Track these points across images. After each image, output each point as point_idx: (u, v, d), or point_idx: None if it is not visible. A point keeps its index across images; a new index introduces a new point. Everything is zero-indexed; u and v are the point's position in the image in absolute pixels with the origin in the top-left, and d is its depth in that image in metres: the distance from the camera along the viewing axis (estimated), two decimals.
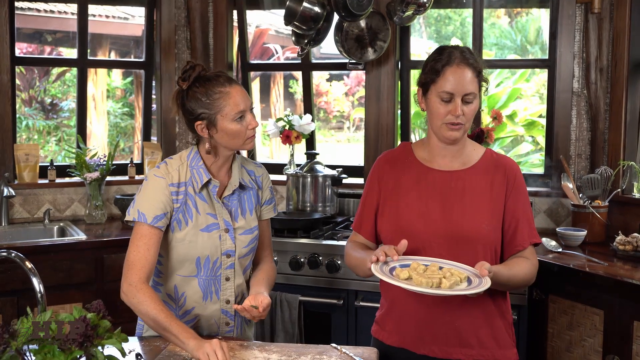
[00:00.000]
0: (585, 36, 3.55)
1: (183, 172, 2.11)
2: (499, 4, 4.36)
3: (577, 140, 3.61)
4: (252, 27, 8.62)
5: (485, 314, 1.97)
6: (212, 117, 2.03)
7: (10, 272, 3.13)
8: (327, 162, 4.07)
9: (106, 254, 3.43)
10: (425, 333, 1.98)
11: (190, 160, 2.12)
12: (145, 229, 2.03)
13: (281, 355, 1.87)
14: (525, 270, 1.95)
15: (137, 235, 2.04)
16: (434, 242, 1.95)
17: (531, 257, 1.99)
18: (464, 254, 1.91)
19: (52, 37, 8.36)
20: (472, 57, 1.94)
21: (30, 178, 3.93)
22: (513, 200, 1.98)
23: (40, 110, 8.75)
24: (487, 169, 2.01)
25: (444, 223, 1.95)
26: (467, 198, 1.96)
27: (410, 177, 2.04)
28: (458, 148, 2.03)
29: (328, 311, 3.23)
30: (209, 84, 2.04)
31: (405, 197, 2.03)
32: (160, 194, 2.06)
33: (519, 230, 1.98)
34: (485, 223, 1.94)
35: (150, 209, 2.04)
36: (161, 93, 4.37)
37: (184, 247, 2.09)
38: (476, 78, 1.93)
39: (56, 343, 1.37)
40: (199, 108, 2.03)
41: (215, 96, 2.02)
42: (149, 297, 1.96)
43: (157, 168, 2.11)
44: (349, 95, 10.67)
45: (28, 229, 3.79)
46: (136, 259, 2.01)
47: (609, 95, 3.52)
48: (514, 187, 1.99)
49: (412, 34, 4.08)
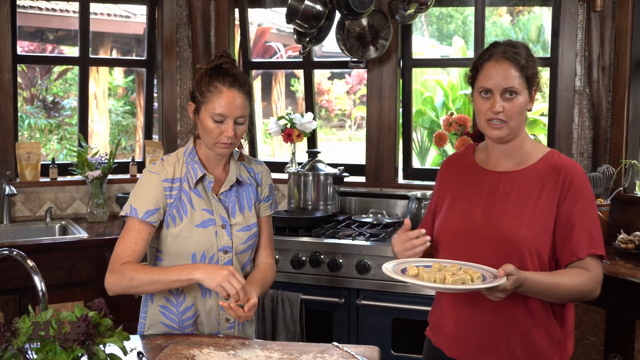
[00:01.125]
0: (588, 34, 3.55)
1: (179, 168, 2.13)
2: (501, 2, 4.35)
3: (579, 139, 3.60)
4: (254, 26, 8.62)
5: (519, 324, 1.89)
6: (199, 105, 2.08)
7: (12, 270, 3.14)
8: (329, 160, 4.07)
9: (108, 253, 3.39)
10: (460, 336, 1.99)
11: (186, 156, 2.14)
12: (135, 223, 2.05)
13: (283, 354, 1.87)
14: (576, 282, 1.83)
15: (126, 230, 2.06)
16: (474, 242, 1.94)
17: (591, 269, 1.85)
18: (502, 256, 1.87)
19: (54, 35, 8.37)
20: (517, 53, 1.89)
21: (32, 176, 3.93)
22: (568, 206, 1.87)
23: (42, 109, 8.76)
24: (541, 172, 1.92)
25: (483, 223, 1.93)
26: (512, 200, 1.92)
27: (464, 179, 2.05)
28: (511, 148, 1.96)
29: (330, 310, 3.23)
30: (216, 76, 2.07)
31: (455, 198, 2.04)
32: (153, 189, 2.07)
33: (573, 239, 1.85)
34: (525, 227, 1.87)
35: (142, 204, 2.05)
36: (163, 91, 4.37)
37: (178, 242, 2.09)
38: (518, 73, 1.87)
39: (58, 341, 1.37)
40: (197, 91, 2.09)
41: (211, 88, 2.06)
42: (134, 269, 1.98)
43: (153, 165, 2.14)
44: (350, 94, 10.67)
45: (30, 227, 3.79)
46: (122, 251, 2.03)
47: (611, 94, 3.51)
48: (570, 192, 1.87)
49: (413, 33, 4.07)
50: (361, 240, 3.24)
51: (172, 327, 2.15)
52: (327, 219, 3.65)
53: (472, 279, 1.76)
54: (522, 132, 1.96)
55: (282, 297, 3.24)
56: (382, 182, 3.99)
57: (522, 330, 1.89)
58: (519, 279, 1.74)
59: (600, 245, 1.86)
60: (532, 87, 1.91)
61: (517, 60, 1.88)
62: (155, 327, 2.17)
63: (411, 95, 4.13)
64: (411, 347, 3.15)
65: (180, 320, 2.14)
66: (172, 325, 2.15)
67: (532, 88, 1.91)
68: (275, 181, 4.16)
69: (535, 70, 1.91)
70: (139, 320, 2.25)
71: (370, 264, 3.12)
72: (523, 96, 1.89)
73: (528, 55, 1.91)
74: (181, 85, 4.39)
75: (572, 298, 1.88)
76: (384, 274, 1.85)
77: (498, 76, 1.88)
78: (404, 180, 4.09)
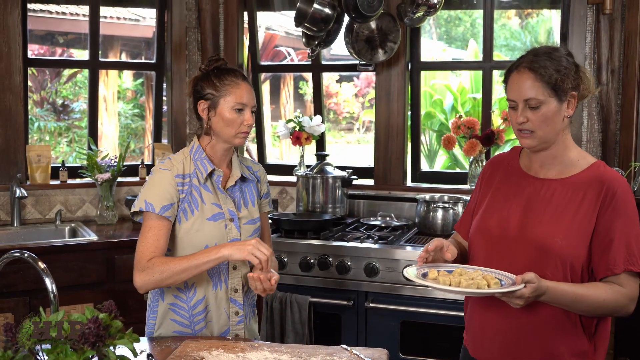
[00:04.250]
0: (597, 37, 3.54)
1: (187, 164, 2.20)
2: (510, 4, 4.35)
3: (589, 142, 3.59)
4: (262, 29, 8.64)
5: (541, 332, 1.88)
6: (216, 99, 2.15)
7: (22, 272, 3.15)
8: (337, 163, 4.07)
9: (117, 255, 3.45)
10: (484, 338, 2.00)
11: (193, 153, 2.21)
12: (154, 220, 2.11)
13: (291, 356, 1.87)
14: (605, 296, 1.80)
15: (145, 228, 2.12)
16: (508, 248, 1.93)
17: (625, 286, 1.83)
18: (535, 263, 1.86)
19: (64, 38, 8.40)
20: (537, 61, 1.86)
21: (42, 179, 3.95)
22: (608, 219, 1.83)
23: (52, 112, 8.79)
24: (583, 182, 1.89)
25: (518, 229, 1.92)
26: (551, 208, 1.90)
27: (506, 182, 2.04)
28: (550, 156, 1.94)
29: (338, 312, 3.23)
30: (225, 72, 2.18)
31: (494, 200, 2.04)
32: (166, 184, 2.13)
33: (610, 253, 1.82)
34: (561, 237, 1.84)
35: (158, 200, 2.11)
36: (172, 94, 4.39)
37: (191, 236, 2.15)
38: (539, 83, 1.84)
39: (69, 343, 1.38)
40: (207, 88, 2.16)
41: (226, 82, 2.16)
42: (163, 262, 2.05)
43: (162, 162, 2.20)
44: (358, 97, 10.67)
45: (40, 229, 3.81)
46: (145, 249, 2.09)
47: (620, 97, 3.50)
48: (611, 206, 1.83)
49: (422, 35, 4.08)
50: (369, 243, 3.24)
51: (183, 323, 2.19)
52: (335, 221, 3.65)
53: (489, 284, 1.76)
54: (561, 140, 1.92)
55: (291, 300, 3.24)
56: (391, 185, 3.99)
57: (543, 338, 1.88)
58: (540, 288, 1.74)
59: (639, 262, 1.82)
60: (563, 94, 1.86)
61: (537, 69, 1.85)
62: (165, 325, 2.20)
63: (419, 98, 4.13)
64: (419, 350, 3.15)
65: (191, 316, 2.18)
66: (182, 322, 2.19)
67: (563, 95, 1.86)
68: (283, 184, 4.21)
69: (565, 77, 1.86)
70: (147, 321, 2.27)
71: (378, 267, 3.12)
72: (550, 105, 1.85)
73: (555, 62, 1.86)
74: None
75: (601, 312, 1.85)
76: (393, 276, 1.87)
77: (518, 87, 1.88)
78: (412, 183, 4.09)
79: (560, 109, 1.87)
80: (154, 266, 2.04)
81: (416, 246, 3.25)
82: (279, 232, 3.51)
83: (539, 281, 1.74)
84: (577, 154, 1.95)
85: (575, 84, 1.88)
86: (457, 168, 6.94)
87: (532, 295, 1.74)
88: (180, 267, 2.03)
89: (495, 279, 1.79)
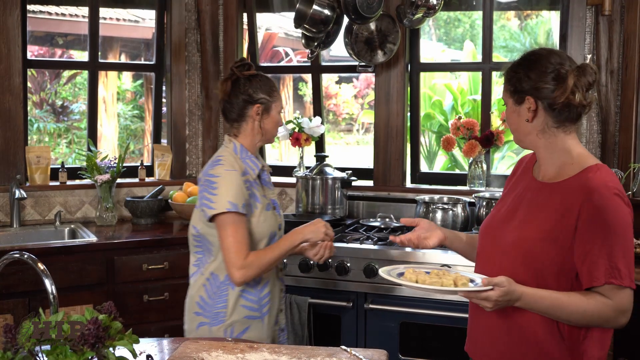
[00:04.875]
0: (596, 38, 3.54)
1: (239, 163, 2.38)
2: (509, 6, 4.35)
3: (588, 143, 3.60)
4: (262, 30, 8.64)
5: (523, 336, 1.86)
6: (270, 104, 2.41)
7: (21, 273, 3.15)
8: (337, 164, 4.08)
9: (117, 256, 3.45)
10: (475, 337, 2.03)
11: (239, 153, 2.40)
12: (239, 218, 2.28)
13: (291, 357, 1.87)
14: (586, 306, 1.75)
15: (233, 227, 2.27)
16: (490, 249, 1.96)
17: (612, 297, 1.75)
18: (508, 267, 1.85)
19: (63, 39, 8.41)
20: (514, 66, 1.90)
21: (42, 180, 3.95)
22: (585, 229, 1.76)
23: (51, 113, 8.80)
24: (569, 188, 1.82)
25: (500, 232, 1.94)
26: (533, 212, 1.88)
27: (517, 182, 2.05)
28: (542, 159, 1.93)
29: (337, 313, 3.24)
30: (269, 79, 2.45)
31: (501, 200, 2.06)
32: (240, 183, 2.32)
33: (591, 264, 1.75)
34: (535, 242, 1.82)
35: (238, 199, 2.28)
36: (171, 95, 4.39)
37: (260, 227, 2.39)
38: (506, 85, 1.91)
39: (68, 344, 1.38)
40: (261, 93, 2.39)
41: (274, 89, 2.44)
42: (258, 257, 2.28)
43: (221, 164, 2.33)
44: (358, 98, 10.67)
45: (39, 230, 3.81)
46: (239, 247, 2.26)
47: (620, 98, 3.51)
48: (589, 215, 1.75)
49: (421, 37, 4.08)
50: (369, 244, 3.24)
51: (252, 308, 2.39)
52: (335, 222, 3.65)
53: (457, 284, 1.79)
54: (544, 144, 1.89)
55: (290, 301, 3.24)
56: (390, 186, 3.99)
57: (527, 342, 1.87)
58: (511, 292, 1.73)
59: (623, 275, 1.74)
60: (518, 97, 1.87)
61: (506, 73, 1.92)
62: (237, 312, 2.37)
63: (419, 99, 4.13)
64: (419, 351, 3.15)
65: (260, 299, 2.40)
66: (252, 307, 2.39)
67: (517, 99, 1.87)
68: (283, 185, 4.22)
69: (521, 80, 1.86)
70: (214, 311, 2.37)
71: (377, 268, 3.12)
72: (508, 106, 1.92)
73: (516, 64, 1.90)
74: (190, 89, 4.41)
75: (585, 322, 1.79)
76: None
77: None
78: (411, 184, 4.09)
79: (517, 110, 1.89)
80: (252, 263, 2.25)
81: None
82: None
83: (509, 285, 1.73)
84: (568, 157, 1.89)
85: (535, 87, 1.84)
86: (457, 169, 6.94)
87: (502, 300, 1.73)
88: (273, 258, 2.30)
89: (466, 280, 1.81)
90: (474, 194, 3.56)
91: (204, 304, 2.38)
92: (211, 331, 2.35)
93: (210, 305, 2.37)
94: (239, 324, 2.36)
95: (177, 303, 3.59)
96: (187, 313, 2.46)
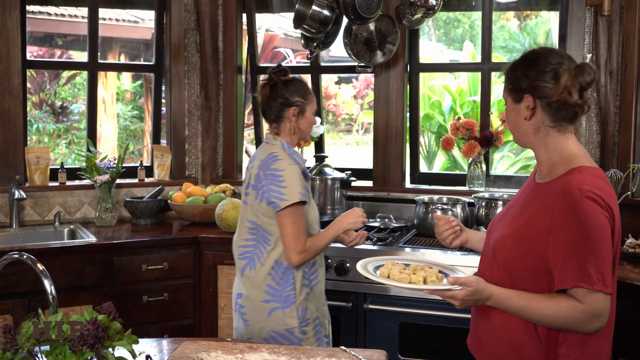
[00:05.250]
0: (595, 39, 3.54)
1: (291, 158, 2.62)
2: (508, 6, 4.35)
3: (587, 143, 3.60)
4: (262, 31, 8.64)
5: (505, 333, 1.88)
6: (304, 106, 2.63)
7: (20, 274, 3.15)
8: (336, 164, 4.08)
9: (116, 257, 3.45)
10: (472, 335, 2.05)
11: (286, 149, 2.62)
12: (300, 206, 2.52)
13: (290, 358, 1.88)
14: (555, 309, 1.74)
15: (296, 215, 2.50)
16: (485, 247, 1.99)
17: (583, 301, 1.72)
18: (488, 267, 1.90)
19: (63, 40, 8.41)
20: (514, 65, 1.90)
21: (41, 181, 3.95)
22: (557, 231, 1.75)
23: (51, 113, 8.80)
24: (552, 189, 1.82)
25: (490, 233, 1.98)
26: (516, 213, 1.90)
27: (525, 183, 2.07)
28: (538, 159, 1.94)
29: (337, 314, 3.23)
30: (304, 83, 2.67)
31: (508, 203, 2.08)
32: (301, 176, 2.56)
33: (561, 267, 1.74)
34: (510, 242, 1.84)
35: (302, 191, 2.52)
36: (171, 96, 4.39)
37: (312, 214, 2.65)
38: (506, 83, 1.92)
39: (67, 344, 1.38)
40: (296, 97, 2.60)
41: (309, 92, 2.66)
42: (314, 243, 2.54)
43: (281, 159, 2.55)
44: (357, 98, 10.67)
45: (39, 231, 3.81)
46: (301, 234, 2.51)
47: (619, 98, 3.51)
48: (561, 217, 1.74)
49: (421, 37, 4.08)
50: (368, 245, 3.24)
51: (307, 284, 2.61)
52: None
53: (426, 281, 1.82)
54: (542, 143, 1.89)
55: None
56: (390, 186, 3.99)
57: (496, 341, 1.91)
58: (479, 292, 1.76)
59: (594, 280, 1.70)
60: (516, 95, 1.87)
61: (506, 72, 1.92)
62: (302, 291, 2.58)
63: (418, 100, 4.13)
64: (418, 352, 3.15)
65: (310, 280, 2.62)
66: (307, 284, 2.61)
67: (516, 97, 1.88)
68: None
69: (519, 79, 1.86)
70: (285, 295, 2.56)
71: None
72: (508, 104, 1.92)
73: (516, 63, 1.90)
74: (189, 90, 4.41)
75: (555, 325, 1.77)
76: None
77: None
78: (411, 184, 4.09)
79: (516, 109, 1.89)
80: (310, 248, 2.51)
81: (415, 247, 3.25)
82: None
83: (477, 284, 1.75)
84: (558, 157, 1.88)
85: (533, 85, 1.84)
86: (456, 169, 6.94)
87: (470, 299, 1.76)
88: (323, 244, 2.57)
89: (434, 277, 1.85)
90: (473, 194, 3.56)
91: (273, 291, 2.57)
92: (285, 314, 2.54)
93: (279, 291, 2.56)
94: (304, 301, 2.59)
95: (176, 303, 3.60)
96: (250, 304, 2.61)
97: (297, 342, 2.53)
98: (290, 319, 2.53)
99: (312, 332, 2.59)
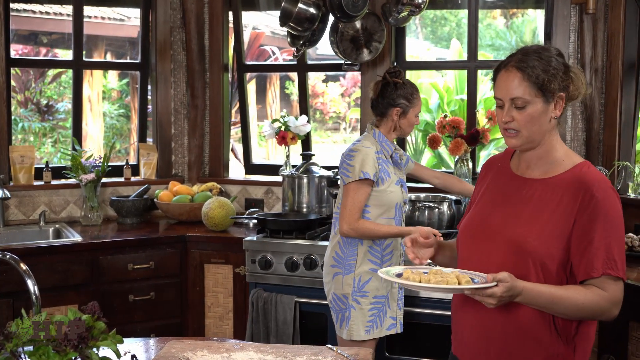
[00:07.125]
0: (580, 37, 3.56)
1: (376, 145, 2.87)
2: (495, 4, 4.37)
3: (572, 141, 3.62)
4: (249, 29, 8.62)
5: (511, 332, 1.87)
6: (408, 109, 2.88)
7: (5, 274, 3.13)
8: (323, 163, 4.07)
9: (102, 256, 3.43)
10: (460, 336, 2.01)
11: (377, 137, 2.89)
12: (366, 185, 2.77)
13: (277, 356, 1.87)
14: (584, 299, 1.77)
15: (358, 190, 2.77)
16: (486, 245, 1.93)
17: (607, 289, 1.78)
18: (509, 262, 1.86)
19: (48, 38, 8.34)
20: (526, 60, 1.84)
21: (26, 180, 3.92)
22: (586, 221, 1.78)
23: (36, 112, 8.73)
24: (564, 183, 1.85)
25: (495, 229, 1.92)
26: (529, 208, 1.88)
27: (495, 181, 2.04)
28: (536, 156, 1.92)
29: (324, 312, 3.23)
30: (413, 87, 2.90)
31: (482, 199, 2.04)
32: (374, 158, 2.80)
33: (589, 256, 1.77)
34: (534, 237, 1.83)
35: (370, 169, 2.77)
36: (157, 94, 4.37)
37: (387, 195, 2.83)
38: (527, 82, 1.82)
39: (51, 344, 1.37)
40: (402, 99, 2.86)
41: (415, 95, 2.91)
42: (367, 226, 2.75)
43: (360, 142, 2.86)
44: (345, 96, 10.67)
45: (23, 230, 3.78)
46: (358, 207, 2.77)
47: (604, 96, 3.53)
48: (590, 207, 1.78)
49: (407, 35, 4.09)
50: None
51: (375, 262, 2.82)
52: (321, 221, 3.65)
53: (460, 282, 1.77)
54: (548, 140, 1.90)
55: (277, 300, 3.24)
56: None
57: (517, 339, 1.86)
58: (514, 288, 1.73)
59: (619, 267, 1.77)
60: (550, 95, 1.84)
61: (525, 69, 1.83)
62: (364, 264, 2.80)
63: None
64: (406, 349, 3.15)
65: (382, 256, 2.84)
66: (375, 261, 2.82)
67: (550, 96, 1.84)
68: (269, 184, 4.22)
69: (553, 77, 1.84)
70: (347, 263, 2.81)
71: None
72: (536, 105, 1.83)
73: (544, 62, 1.84)
74: (175, 88, 4.39)
75: (581, 315, 1.81)
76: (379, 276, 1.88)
77: (506, 86, 1.85)
78: None
79: (547, 109, 1.85)
80: (358, 228, 2.73)
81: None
82: (265, 232, 3.51)
83: (512, 281, 1.72)
84: (563, 153, 1.92)
85: (563, 85, 1.85)
86: (443, 167, 6.95)
87: (506, 295, 1.73)
88: (381, 234, 2.76)
89: (468, 278, 1.79)
90: None
91: (338, 257, 2.84)
92: (344, 279, 2.81)
93: (343, 259, 2.83)
94: (365, 274, 2.80)
95: (162, 302, 3.59)
96: (325, 267, 2.94)
97: (347, 309, 2.78)
98: (346, 286, 2.80)
99: (368, 305, 2.79)
